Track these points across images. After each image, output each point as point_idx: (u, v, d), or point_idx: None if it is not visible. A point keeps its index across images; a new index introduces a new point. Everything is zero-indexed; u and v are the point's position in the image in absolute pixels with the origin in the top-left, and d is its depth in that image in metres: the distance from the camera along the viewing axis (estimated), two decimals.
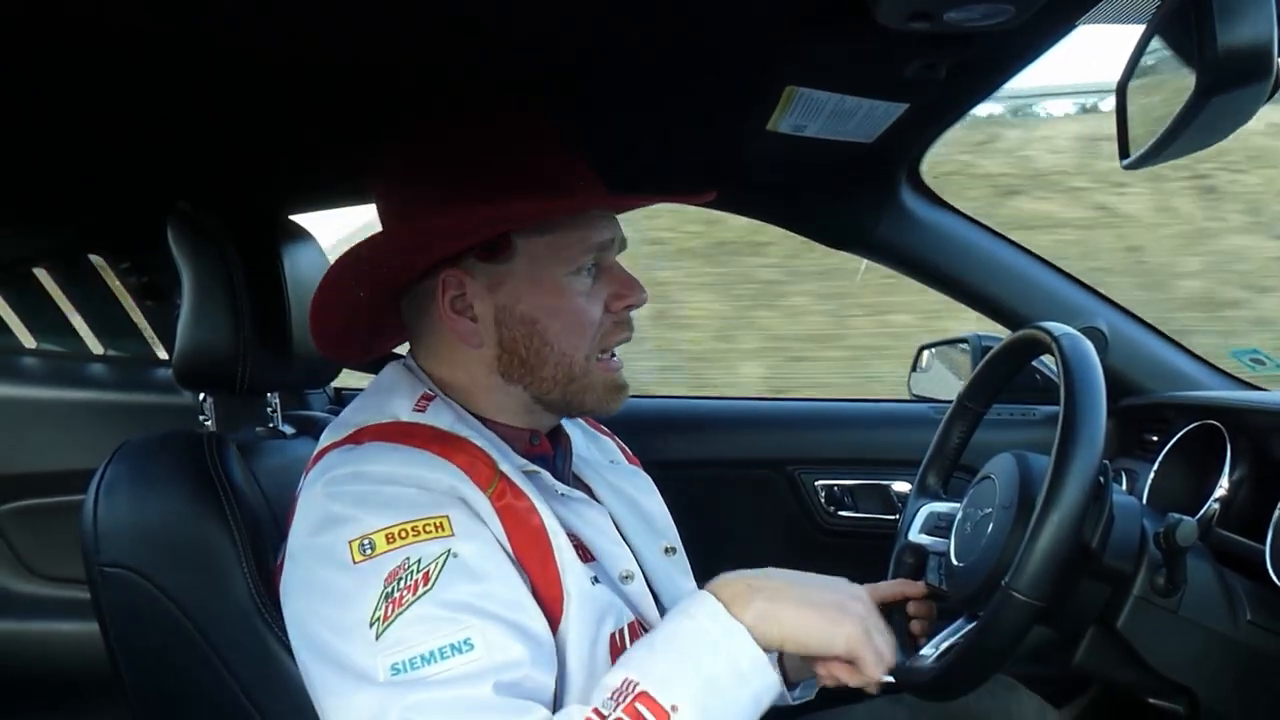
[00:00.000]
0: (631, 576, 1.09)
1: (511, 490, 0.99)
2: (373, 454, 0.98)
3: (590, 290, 1.06)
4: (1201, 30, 0.76)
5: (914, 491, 1.35)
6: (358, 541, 0.90)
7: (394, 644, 0.85)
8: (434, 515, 0.92)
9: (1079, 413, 0.99)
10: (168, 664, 1.13)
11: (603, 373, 1.08)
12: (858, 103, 1.24)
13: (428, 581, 0.88)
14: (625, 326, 1.10)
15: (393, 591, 0.87)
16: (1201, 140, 0.87)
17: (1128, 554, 1.04)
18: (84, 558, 1.16)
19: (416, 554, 0.89)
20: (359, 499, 0.93)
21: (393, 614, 0.86)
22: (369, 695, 0.84)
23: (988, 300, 1.77)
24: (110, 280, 1.91)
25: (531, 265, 1.04)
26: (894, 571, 1.32)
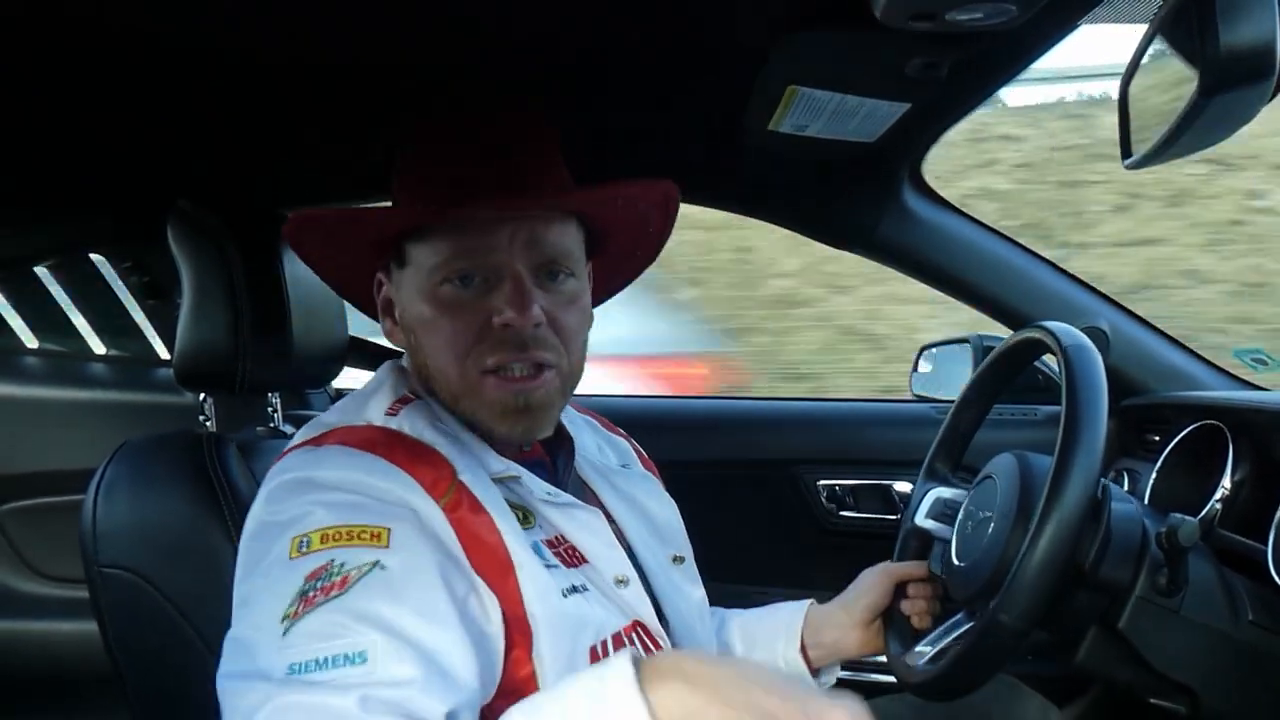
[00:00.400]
0: (626, 581, 1.06)
1: (469, 502, 0.96)
2: (328, 458, 0.97)
3: (471, 300, 0.99)
4: (1203, 30, 0.76)
5: (922, 475, 1.36)
6: (298, 539, 0.88)
7: (296, 644, 0.82)
8: (374, 524, 0.90)
9: (1080, 414, 0.99)
10: (166, 664, 1.13)
11: (490, 390, 1.00)
12: (859, 102, 1.24)
13: (344, 586, 0.84)
14: (506, 347, 0.98)
15: (308, 590, 0.84)
16: (1204, 140, 0.87)
17: (1125, 566, 1.04)
18: (83, 558, 1.16)
19: (343, 557, 0.86)
20: (308, 500, 0.92)
21: (302, 612, 0.83)
22: (258, 691, 0.81)
23: (990, 300, 1.77)
24: (111, 280, 1.91)
25: (414, 274, 1.01)
26: (899, 554, 1.33)
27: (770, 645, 1.30)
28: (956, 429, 1.35)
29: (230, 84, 1.13)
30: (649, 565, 1.13)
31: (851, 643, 1.28)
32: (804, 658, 1.28)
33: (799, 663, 1.28)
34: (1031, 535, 0.97)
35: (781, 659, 1.28)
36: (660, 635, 1.07)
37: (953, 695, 1.13)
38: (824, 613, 1.31)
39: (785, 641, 1.29)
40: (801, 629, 1.29)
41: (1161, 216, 5.50)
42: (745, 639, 1.33)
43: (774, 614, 1.34)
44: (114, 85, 1.11)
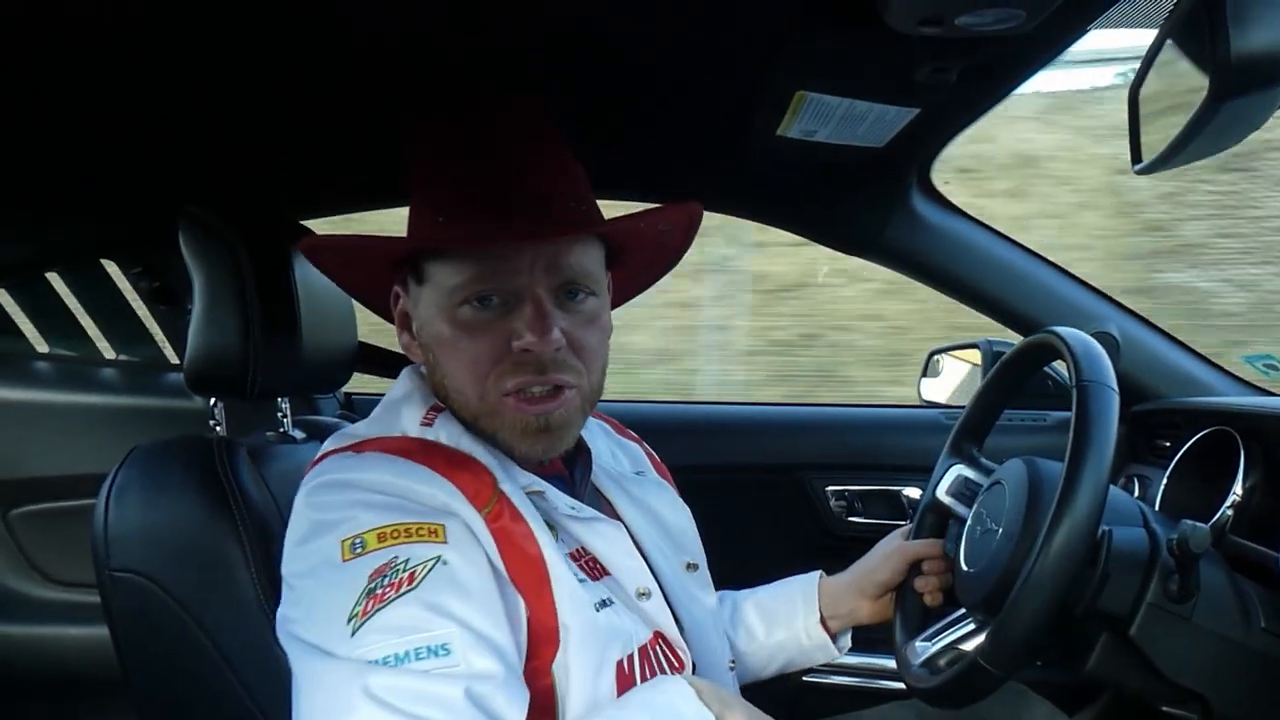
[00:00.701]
0: (648, 593, 1.06)
1: (509, 512, 0.97)
2: (368, 463, 0.97)
3: (491, 322, 0.98)
4: (1214, 35, 0.76)
5: (946, 451, 1.36)
6: (349, 540, 0.89)
7: (369, 642, 0.82)
8: (429, 521, 0.91)
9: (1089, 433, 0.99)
10: (176, 668, 1.13)
11: (510, 411, 0.99)
12: (868, 107, 1.24)
13: (412, 581, 0.85)
14: (526, 369, 0.98)
15: (375, 588, 0.85)
16: (1215, 145, 0.86)
17: (1124, 599, 1.03)
18: (94, 562, 1.16)
19: (406, 554, 0.87)
20: (350, 503, 0.92)
21: (372, 609, 0.84)
22: (338, 679, 0.82)
23: (999, 305, 1.77)
24: (122, 285, 1.91)
25: (433, 292, 1.01)
26: (916, 529, 1.35)
27: (789, 621, 1.33)
28: (983, 411, 1.35)
29: (242, 88, 1.13)
30: (665, 574, 1.13)
31: (865, 613, 1.32)
32: (823, 627, 1.32)
33: (820, 633, 1.32)
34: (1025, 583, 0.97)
35: (804, 633, 1.32)
36: (680, 646, 1.08)
37: (960, 704, 1.13)
38: (838, 587, 1.33)
39: (804, 614, 1.32)
40: (817, 602, 1.32)
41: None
42: (764, 617, 1.35)
43: (786, 590, 1.36)
44: (126, 90, 1.11)
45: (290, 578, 0.94)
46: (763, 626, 1.34)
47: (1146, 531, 1.06)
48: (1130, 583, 1.03)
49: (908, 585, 1.30)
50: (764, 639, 1.34)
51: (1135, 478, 1.61)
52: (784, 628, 1.33)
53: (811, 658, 1.35)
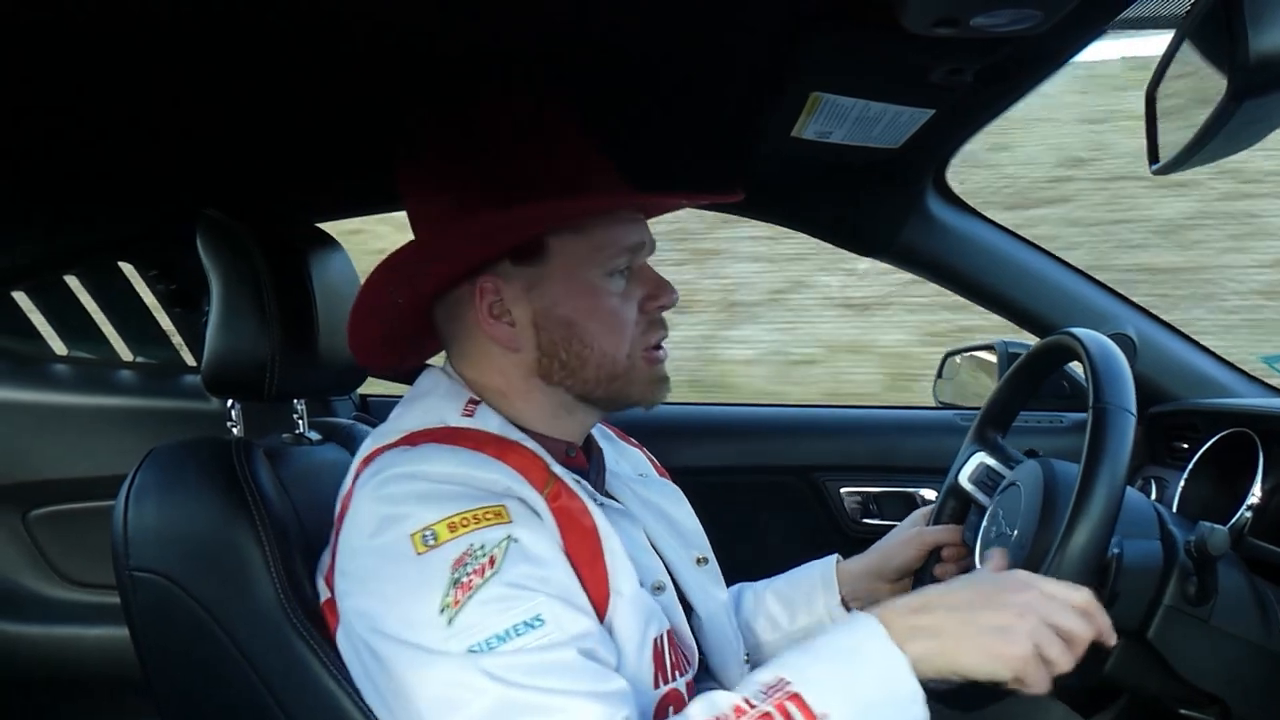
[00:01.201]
0: (663, 587, 1.09)
1: (566, 491, 1.01)
2: (428, 455, 0.99)
3: (624, 291, 1.07)
4: (1232, 34, 0.76)
5: (969, 438, 1.36)
6: (420, 533, 0.91)
7: (466, 627, 0.87)
8: (493, 505, 0.94)
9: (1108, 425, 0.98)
10: (196, 668, 1.14)
11: (647, 366, 1.09)
12: (883, 108, 1.24)
13: (493, 565, 0.90)
14: (660, 326, 1.11)
15: (460, 577, 0.89)
16: (1232, 145, 0.86)
17: (1134, 614, 1.03)
18: (114, 562, 1.17)
19: (479, 540, 0.91)
20: (416, 496, 0.95)
21: (463, 598, 0.88)
22: (450, 669, 0.87)
23: (1015, 307, 1.76)
24: (139, 287, 1.92)
25: (567, 267, 1.04)
26: (937, 515, 1.35)
27: (811, 605, 1.34)
28: (1007, 398, 1.35)
29: (258, 90, 1.14)
30: (678, 569, 1.15)
31: (884, 595, 1.33)
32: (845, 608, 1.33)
33: (843, 614, 1.32)
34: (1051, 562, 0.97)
35: (827, 615, 1.33)
36: (689, 647, 1.10)
37: (974, 708, 1.12)
38: (856, 570, 1.35)
39: (825, 598, 1.33)
40: (837, 584, 1.34)
41: None
42: (786, 605, 1.36)
43: (805, 575, 1.38)
44: (142, 92, 1.12)
45: (359, 572, 0.96)
46: (786, 614, 1.35)
47: (1162, 543, 1.05)
48: (1140, 599, 1.02)
49: (926, 571, 1.30)
50: (788, 626, 1.35)
51: (1152, 479, 1.60)
52: (807, 613, 1.34)
53: None
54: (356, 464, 1.06)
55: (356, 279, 1.38)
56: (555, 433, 1.11)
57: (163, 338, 1.99)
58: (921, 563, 1.31)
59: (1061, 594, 0.90)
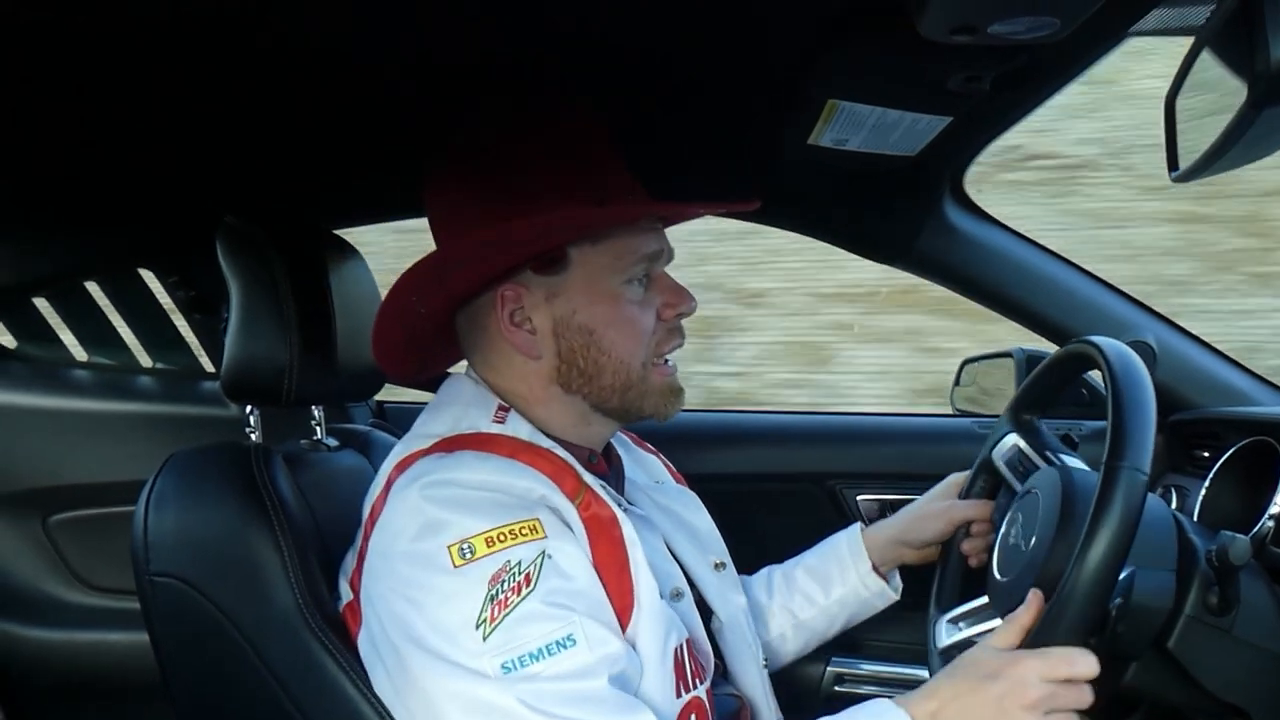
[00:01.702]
0: (681, 594, 1.10)
1: (596, 501, 1.03)
2: (465, 462, 1.01)
3: (643, 299, 1.09)
4: (1252, 42, 0.75)
5: (1005, 418, 1.36)
6: (457, 546, 0.93)
7: (502, 644, 0.88)
8: (527, 518, 0.96)
9: (1128, 428, 0.98)
10: (216, 673, 1.14)
11: (660, 378, 1.11)
12: (900, 116, 1.24)
13: (530, 583, 0.91)
14: (677, 334, 1.13)
15: (497, 593, 0.90)
16: (1252, 153, 0.86)
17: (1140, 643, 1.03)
18: (134, 567, 1.18)
19: (516, 556, 0.92)
20: (455, 504, 0.96)
21: (499, 615, 0.89)
22: (482, 688, 0.88)
23: (1033, 315, 1.75)
24: (159, 294, 1.94)
25: (587, 276, 1.06)
26: (968, 489, 1.36)
27: (844, 576, 1.38)
28: (1043, 383, 1.34)
29: (278, 98, 1.14)
30: (696, 575, 1.16)
31: (911, 559, 1.38)
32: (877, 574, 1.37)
33: (876, 580, 1.37)
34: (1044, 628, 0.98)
35: (862, 585, 1.37)
36: (705, 653, 1.11)
37: None
38: (882, 537, 1.39)
39: (856, 566, 1.38)
40: (865, 552, 1.38)
41: None
42: (818, 580, 1.39)
43: (832, 548, 1.42)
44: (162, 100, 1.13)
45: (393, 577, 0.97)
46: (820, 589, 1.38)
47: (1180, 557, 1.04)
48: (1144, 632, 1.02)
49: (953, 545, 1.31)
50: (824, 601, 1.38)
51: (1173, 488, 1.59)
52: (841, 584, 1.37)
53: (873, 605, 1.39)
54: (389, 469, 1.07)
55: (374, 286, 1.39)
56: (577, 440, 1.12)
57: (182, 344, 2.00)
58: (949, 536, 1.33)
59: (1066, 671, 0.95)
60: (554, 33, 1.05)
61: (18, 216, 1.57)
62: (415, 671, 0.92)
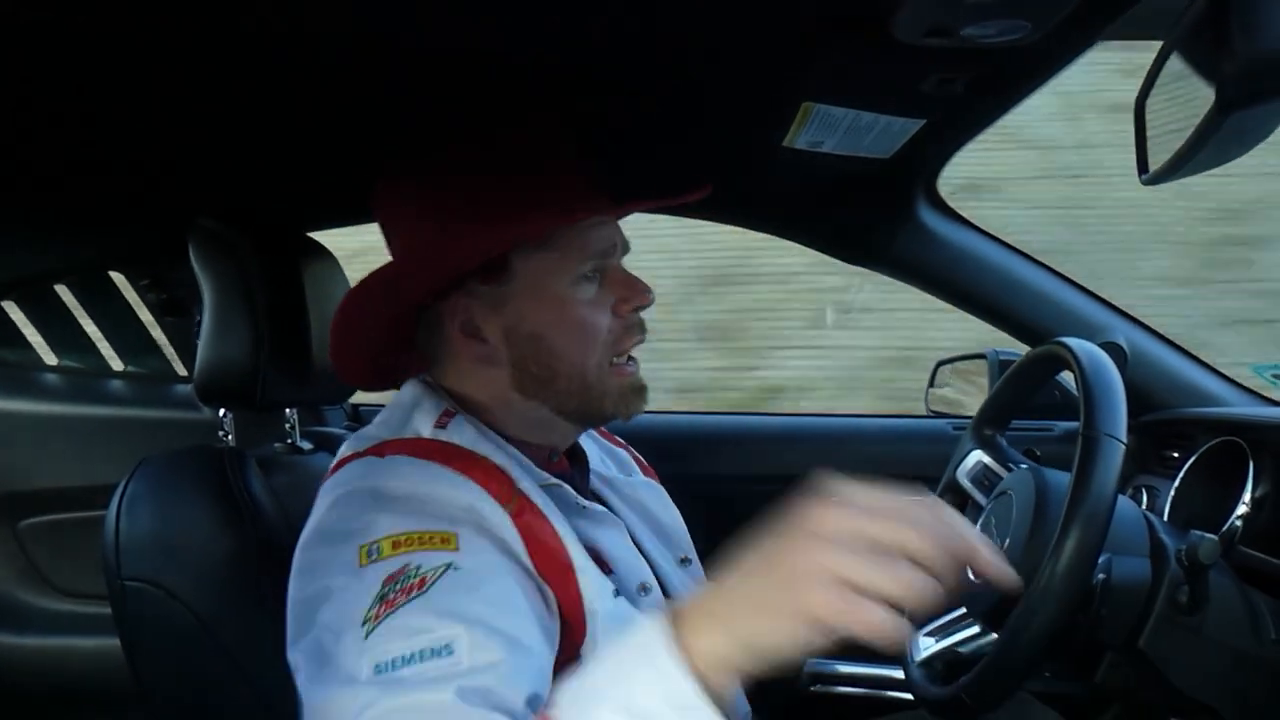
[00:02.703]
0: (649, 589, 1.09)
1: (530, 509, 1.00)
2: (393, 468, 0.99)
3: (595, 298, 1.06)
4: (1220, 46, 0.76)
5: (968, 436, 1.36)
6: (366, 547, 0.90)
7: (379, 644, 0.84)
8: (443, 529, 0.92)
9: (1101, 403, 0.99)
10: (189, 677, 1.14)
11: (619, 378, 1.08)
12: (874, 118, 1.24)
13: (422, 587, 0.87)
14: (637, 329, 1.09)
15: (388, 593, 0.87)
16: (1221, 155, 0.86)
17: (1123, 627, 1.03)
18: (105, 572, 1.17)
19: (417, 561, 0.89)
20: (374, 509, 0.94)
21: (383, 614, 0.85)
22: (347, 693, 0.83)
23: (1006, 316, 1.77)
24: (130, 297, 1.92)
25: (531, 282, 1.04)
26: None
27: None
28: (1005, 397, 1.35)
29: (251, 102, 1.14)
30: (662, 570, 1.16)
31: None
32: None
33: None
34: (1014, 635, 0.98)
35: None
36: None
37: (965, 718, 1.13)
38: None
39: None
40: None
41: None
42: None
43: None
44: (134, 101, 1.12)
45: (309, 570, 0.95)
46: None
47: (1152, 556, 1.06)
48: (1127, 617, 1.03)
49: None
50: None
51: (1144, 488, 1.61)
52: None
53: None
54: (329, 470, 1.05)
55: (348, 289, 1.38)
56: (539, 440, 1.11)
57: (154, 347, 1.98)
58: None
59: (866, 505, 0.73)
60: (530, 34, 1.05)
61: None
62: (302, 670, 0.90)
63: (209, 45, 0.98)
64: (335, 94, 1.15)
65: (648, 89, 1.23)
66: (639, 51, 1.12)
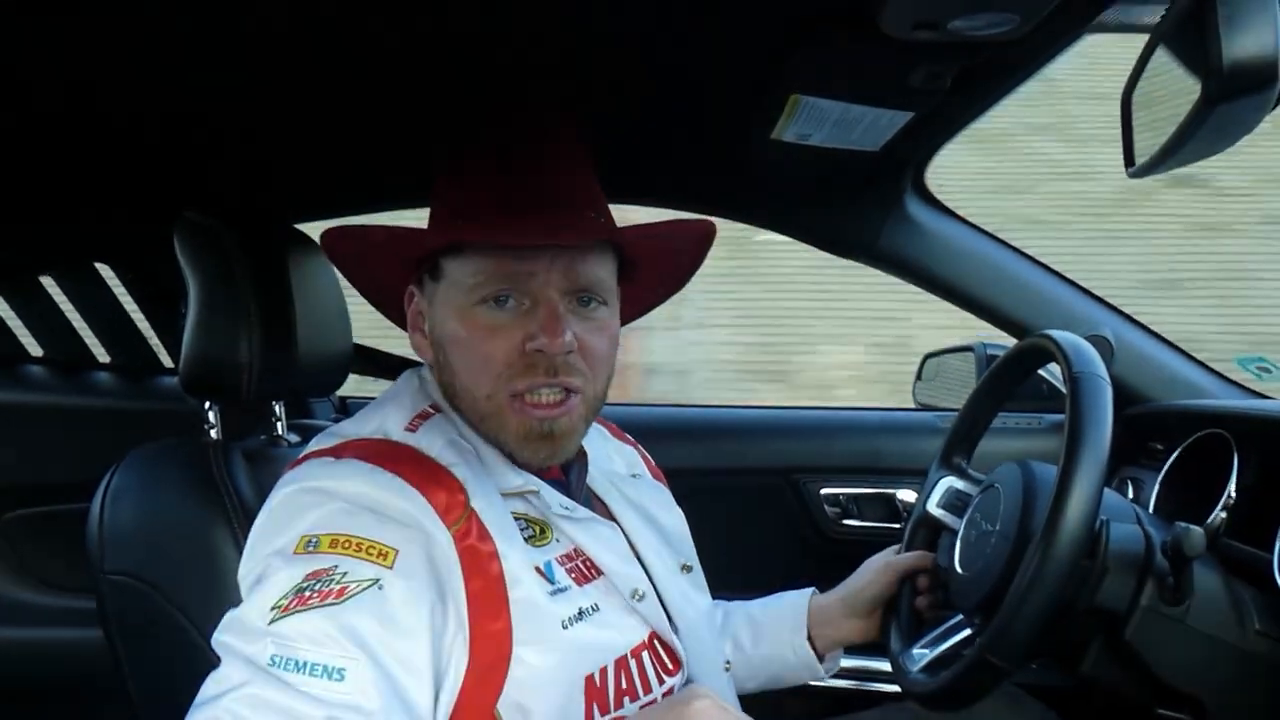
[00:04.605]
0: (643, 595, 1.07)
1: (477, 530, 0.96)
2: (347, 471, 0.97)
3: (506, 323, 0.99)
4: (1206, 40, 0.77)
5: (936, 464, 1.37)
6: (307, 539, 0.90)
7: (280, 637, 0.83)
8: (384, 543, 0.90)
9: (1084, 425, 0.99)
10: (173, 670, 1.13)
11: (515, 415, 1.00)
12: (863, 111, 1.24)
13: (341, 596, 0.85)
14: (536, 371, 0.99)
15: (305, 589, 0.85)
16: (1206, 149, 0.87)
17: (1122, 595, 1.04)
18: (90, 566, 1.16)
19: (347, 566, 0.87)
20: (321, 506, 0.93)
21: (294, 608, 0.84)
22: (238, 669, 0.83)
23: (993, 309, 1.77)
24: (116, 288, 1.91)
25: (449, 290, 1.02)
26: (908, 543, 1.35)
27: (777, 636, 1.33)
28: (972, 422, 1.36)
29: (237, 92, 1.13)
30: (660, 576, 1.13)
31: (856, 632, 1.32)
32: (811, 646, 1.32)
33: (807, 650, 1.32)
34: (1025, 576, 0.98)
35: (790, 648, 1.32)
36: (676, 645, 1.09)
37: (953, 708, 1.13)
38: (827, 605, 1.34)
39: (793, 631, 1.32)
40: (807, 619, 1.32)
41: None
42: (752, 630, 1.35)
43: (778, 604, 1.36)
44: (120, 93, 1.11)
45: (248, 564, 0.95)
46: (750, 639, 1.35)
47: (1141, 530, 1.07)
48: (1128, 579, 1.04)
49: (900, 600, 1.30)
50: (750, 651, 1.34)
51: (1129, 480, 1.61)
52: (770, 642, 1.34)
53: (797, 675, 1.35)
54: (292, 462, 1.04)
55: (335, 280, 1.38)
56: None
57: (139, 339, 1.97)
58: (893, 591, 1.31)
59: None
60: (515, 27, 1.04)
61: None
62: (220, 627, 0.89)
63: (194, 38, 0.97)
64: (320, 86, 1.14)
65: (635, 81, 1.23)
66: (626, 44, 1.12)
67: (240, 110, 1.21)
